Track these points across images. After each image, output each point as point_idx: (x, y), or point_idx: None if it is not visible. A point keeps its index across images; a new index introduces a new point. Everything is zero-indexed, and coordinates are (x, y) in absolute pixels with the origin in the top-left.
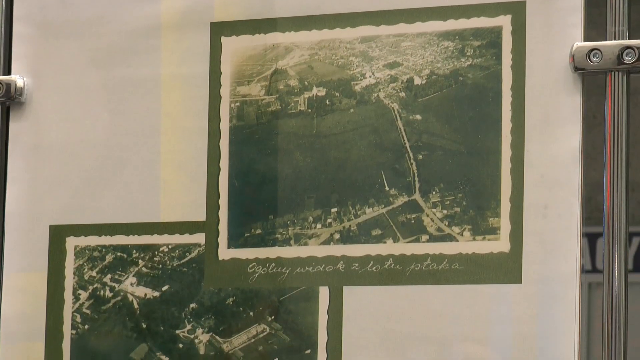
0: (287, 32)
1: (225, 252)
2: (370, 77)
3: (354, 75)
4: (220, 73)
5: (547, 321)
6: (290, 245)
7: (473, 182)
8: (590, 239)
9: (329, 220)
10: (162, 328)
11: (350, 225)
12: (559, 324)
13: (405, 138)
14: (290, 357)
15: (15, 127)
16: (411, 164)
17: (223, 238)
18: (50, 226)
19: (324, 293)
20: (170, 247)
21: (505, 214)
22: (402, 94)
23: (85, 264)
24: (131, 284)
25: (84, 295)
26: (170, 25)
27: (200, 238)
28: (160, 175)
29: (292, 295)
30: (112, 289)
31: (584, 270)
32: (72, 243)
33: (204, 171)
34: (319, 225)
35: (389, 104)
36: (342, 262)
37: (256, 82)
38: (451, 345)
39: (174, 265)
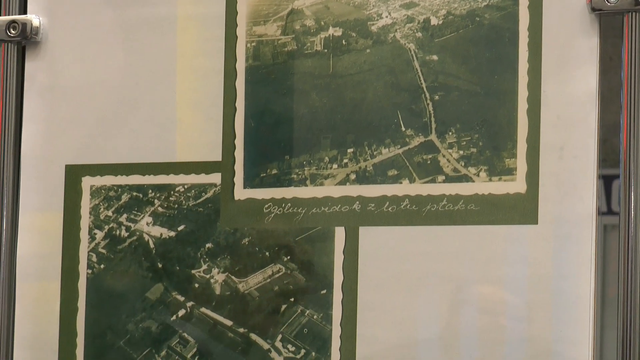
0: None
1: (241, 192)
2: (386, 17)
3: (370, 16)
4: (236, 13)
5: (562, 262)
6: (306, 185)
7: (489, 123)
8: (606, 181)
9: (345, 161)
10: (177, 268)
11: (366, 166)
12: (574, 265)
13: (421, 78)
14: (306, 297)
15: (31, 67)
16: (427, 104)
17: (239, 178)
18: (66, 166)
19: (339, 233)
20: (186, 187)
21: (521, 155)
22: (419, 34)
23: (101, 203)
24: (147, 224)
25: (99, 234)
26: None
27: (216, 178)
28: (176, 115)
29: (308, 235)
30: (127, 228)
31: (599, 212)
32: (88, 183)
33: (220, 111)
34: (335, 166)
35: (405, 44)
36: (358, 202)
37: (272, 22)
38: (466, 285)
39: (190, 205)
